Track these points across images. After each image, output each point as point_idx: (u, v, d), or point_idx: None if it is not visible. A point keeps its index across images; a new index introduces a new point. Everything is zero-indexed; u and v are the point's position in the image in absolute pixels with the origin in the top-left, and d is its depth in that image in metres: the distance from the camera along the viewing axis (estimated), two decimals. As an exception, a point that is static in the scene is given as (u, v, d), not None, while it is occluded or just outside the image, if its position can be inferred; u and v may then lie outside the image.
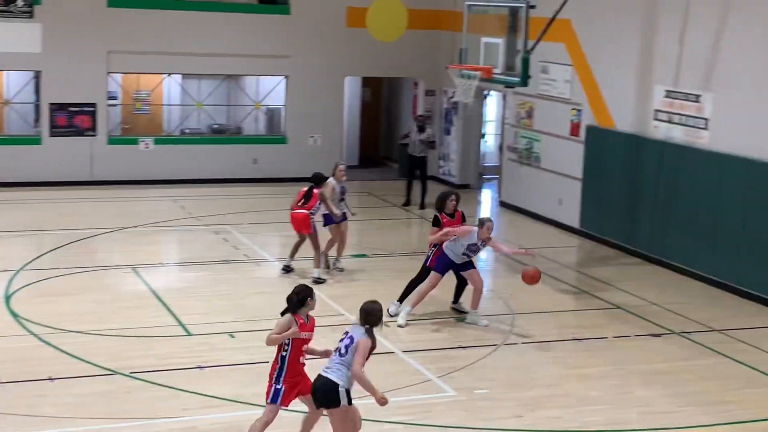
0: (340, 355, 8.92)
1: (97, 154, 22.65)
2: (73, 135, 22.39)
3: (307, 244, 15.85)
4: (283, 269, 16.07)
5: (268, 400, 9.29)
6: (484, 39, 17.09)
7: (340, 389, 8.81)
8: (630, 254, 18.32)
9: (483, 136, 24.64)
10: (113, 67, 22.70)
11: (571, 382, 12.06)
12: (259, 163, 23.97)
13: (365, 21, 20.09)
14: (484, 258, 18.51)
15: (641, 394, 11.73)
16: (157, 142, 23.22)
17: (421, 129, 21.83)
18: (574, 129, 19.98)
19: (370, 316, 9.00)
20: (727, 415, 11.19)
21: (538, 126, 21.16)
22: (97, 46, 22.31)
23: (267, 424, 9.35)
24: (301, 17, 23.71)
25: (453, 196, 14.50)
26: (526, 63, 16.02)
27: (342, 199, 16.01)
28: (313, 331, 9.40)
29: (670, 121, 17.50)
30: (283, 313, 9.34)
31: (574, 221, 19.84)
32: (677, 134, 17.33)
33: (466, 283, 14.24)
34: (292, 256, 16.13)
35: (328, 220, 16.05)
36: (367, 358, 8.91)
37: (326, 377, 8.87)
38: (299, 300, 9.31)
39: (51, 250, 17.14)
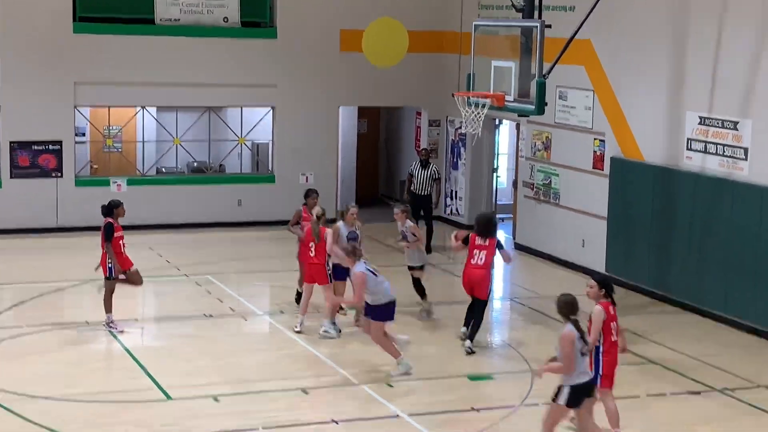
0: None
1: (63, 198, 22.68)
2: (36, 176, 22.44)
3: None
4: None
5: None
6: (495, 62, 17.13)
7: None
8: (663, 301, 18.28)
9: (495, 170, 24.68)
10: (81, 100, 22.78)
11: (600, 447, 11.98)
12: (245, 205, 23.99)
13: (361, 44, 20.18)
14: (498, 308, 18.50)
15: (679, 460, 11.67)
16: (131, 183, 23.24)
17: (425, 164, 21.86)
18: (597, 161, 20.01)
19: (574, 306, 10.72)
20: (777, 481, 11.13)
21: (556, 159, 21.20)
22: (63, 77, 22.40)
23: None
24: (289, 42, 23.83)
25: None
26: (541, 88, 16.05)
27: None
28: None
29: (704, 151, 17.53)
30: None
31: (599, 265, 19.80)
32: (713, 165, 17.36)
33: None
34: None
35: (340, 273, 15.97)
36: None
37: None
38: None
39: (13, 306, 17.10)
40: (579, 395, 10.67)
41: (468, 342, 15.22)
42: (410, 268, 16.90)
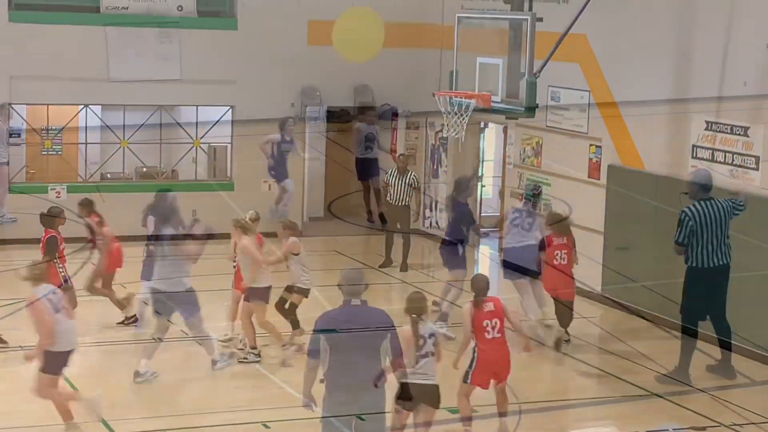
0: None
1: (-5, 206, 22.51)
2: (-36, 182, 22.30)
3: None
4: None
5: None
6: (480, 59, 17.11)
7: None
8: (666, 326, 18.22)
9: (479, 179, 24.61)
10: (16, 97, 22.65)
11: (595, 492, 11.93)
12: (200, 215, 23.76)
13: (331, 37, 20.09)
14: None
15: (684, 506, 11.59)
16: (72, 189, 23.06)
17: (403, 172, 21.78)
18: (593, 169, 19.99)
19: (418, 306, 12.09)
20: None
21: (547, 166, 21.15)
22: (-4, 70, 22.27)
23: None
24: (251, 33, 23.75)
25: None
26: (531, 88, 16.04)
27: None
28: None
29: (711, 160, 17.50)
30: None
31: (595, 284, 19.76)
32: (721, 176, 17.31)
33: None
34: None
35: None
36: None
37: None
38: None
39: (-65, 328, 16.92)
40: (411, 395, 11.87)
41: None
42: (291, 289, 16.37)
